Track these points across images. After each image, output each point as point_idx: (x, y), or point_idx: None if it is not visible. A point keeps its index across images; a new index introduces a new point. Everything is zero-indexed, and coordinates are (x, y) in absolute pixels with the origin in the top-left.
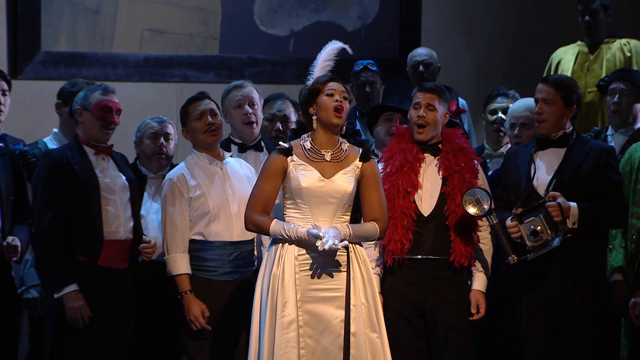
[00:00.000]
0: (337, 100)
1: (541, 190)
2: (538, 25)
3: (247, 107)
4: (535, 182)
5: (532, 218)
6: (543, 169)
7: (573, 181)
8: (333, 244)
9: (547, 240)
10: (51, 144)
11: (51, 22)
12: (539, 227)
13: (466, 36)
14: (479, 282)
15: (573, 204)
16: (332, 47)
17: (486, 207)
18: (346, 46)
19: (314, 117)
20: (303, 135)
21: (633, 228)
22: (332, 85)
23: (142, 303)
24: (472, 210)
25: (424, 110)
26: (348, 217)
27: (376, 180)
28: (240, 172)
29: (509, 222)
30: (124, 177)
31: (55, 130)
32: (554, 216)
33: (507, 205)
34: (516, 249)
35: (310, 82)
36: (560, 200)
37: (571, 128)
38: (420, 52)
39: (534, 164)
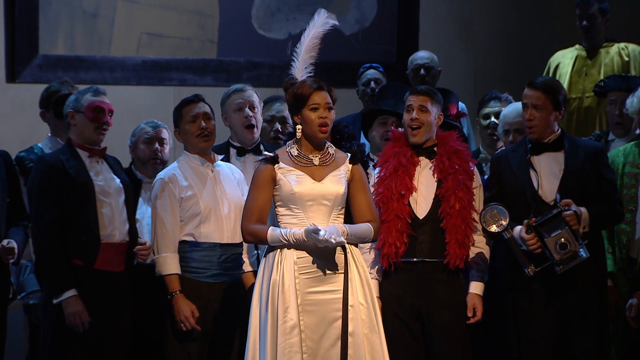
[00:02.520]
0: (321, 117)
1: (548, 198)
2: (536, 28)
3: (247, 110)
4: (539, 191)
5: (559, 231)
6: (545, 176)
7: (577, 184)
8: (333, 238)
9: (575, 252)
10: (47, 148)
11: (49, 26)
12: (563, 239)
13: (464, 39)
14: (476, 285)
15: (584, 209)
16: (317, 30)
17: (505, 223)
18: (331, 22)
19: (298, 127)
20: (288, 143)
21: (622, 233)
22: (316, 98)
23: (138, 306)
24: (493, 228)
25: (417, 113)
26: (342, 219)
27: (364, 183)
28: (231, 176)
29: (524, 234)
30: (118, 180)
31: (49, 134)
32: (572, 225)
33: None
34: (532, 259)
35: (295, 65)
36: (575, 207)
37: (560, 130)
38: (422, 56)
39: (534, 170)
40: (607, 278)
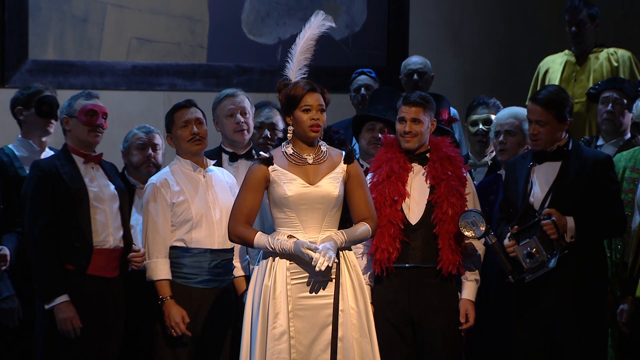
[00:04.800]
0: (313, 118)
1: (537, 206)
2: (525, 33)
3: (239, 116)
4: (531, 198)
5: (527, 240)
6: (539, 184)
7: (570, 194)
8: (329, 260)
9: (543, 261)
10: (17, 150)
11: (39, 31)
12: (534, 249)
13: (454, 44)
14: (469, 290)
15: (569, 218)
16: (313, 32)
17: (482, 229)
18: (328, 24)
19: (290, 128)
20: (283, 143)
21: (618, 239)
22: (309, 99)
23: (132, 311)
24: (468, 233)
25: (409, 125)
26: (337, 221)
27: (361, 180)
28: (223, 180)
29: (506, 241)
30: (112, 186)
31: (20, 136)
32: (549, 234)
33: (508, 218)
34: (516, 267)
35: (289, 66)
36: (555, 217)
37: (566, 137)
38: (415, 61)
39: (531, 179)
40: (607, 284)
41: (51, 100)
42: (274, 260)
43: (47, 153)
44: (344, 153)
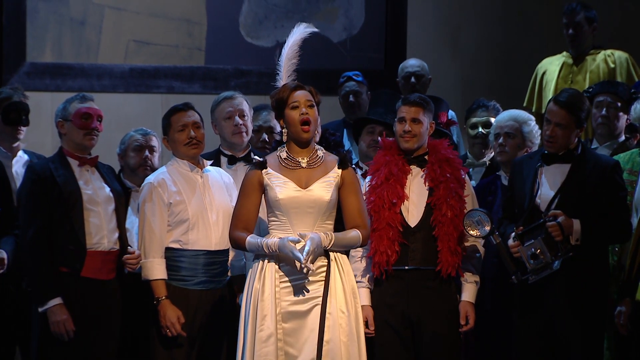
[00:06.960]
0: (302, 113)
1: (544, 208)
2: (523, 36)
3: (237, 118)
4: (538, 200)
5: (532, 241)
6: (546, 186)
7: (577, 198)
8: (304, 262)
9: (547, 263)
10: None
11: (36, 33)
12: (538, 250)
13: (452, 47)
14: (469, 293)
15: (576, 221)
16: (295, 39)
17: (487, 228)
18: (309, 30)
19: (284, 131)
20: (279, 147)
21: None
22: (296, 96)
23: (128, 313)
24: (473, 232)
25: (409, 125)
26: (331, 226)
27: (355, 187)
28: (220, 181)
29: (511, 241)
30: (108, 189)
31: None
32: (554, 236)
33: (512, 217)
34: (520, 268)
35: (279, 77)
36: (561, 219)
37: (576, 140)
38: (412, 64)
39: (538, 180)
40: (608, 286)
41: (19, 107)
42: (264, 262)
43: (21, 158)
44: (338, 159)
